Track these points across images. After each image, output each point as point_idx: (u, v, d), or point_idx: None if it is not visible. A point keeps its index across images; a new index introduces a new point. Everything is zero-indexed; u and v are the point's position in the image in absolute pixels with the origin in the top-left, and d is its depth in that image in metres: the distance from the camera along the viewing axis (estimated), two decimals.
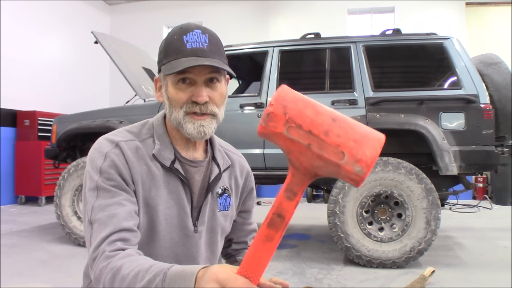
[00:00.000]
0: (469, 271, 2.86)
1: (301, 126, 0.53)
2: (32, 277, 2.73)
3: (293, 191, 0.56)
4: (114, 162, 0.86)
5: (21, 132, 6.21)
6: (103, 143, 0.89)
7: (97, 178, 0.84)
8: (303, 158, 0.54)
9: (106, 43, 4.07)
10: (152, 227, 0.90)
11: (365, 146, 0.50)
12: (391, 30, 3.48)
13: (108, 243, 0.76)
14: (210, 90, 0.88)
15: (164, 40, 0.91)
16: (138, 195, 0.88)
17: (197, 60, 0.84)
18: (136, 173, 0.88)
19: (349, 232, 2.98)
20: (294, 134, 0.53)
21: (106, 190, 0.83)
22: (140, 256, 0.76)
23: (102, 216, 0.80)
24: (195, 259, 0.96)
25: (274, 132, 0.54)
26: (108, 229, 0.78)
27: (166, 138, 0.94)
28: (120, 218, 0.80)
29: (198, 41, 0.86)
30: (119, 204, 0.82)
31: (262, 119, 0.55)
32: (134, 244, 0.81)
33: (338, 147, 0.51)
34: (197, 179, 0.96)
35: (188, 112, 0.88)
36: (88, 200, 0.84)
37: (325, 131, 0.52)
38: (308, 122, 0.53)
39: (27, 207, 5.99)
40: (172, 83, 0.88)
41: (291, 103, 0.54)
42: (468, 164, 2.96)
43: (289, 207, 0.56)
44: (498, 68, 3.19)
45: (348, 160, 0.50)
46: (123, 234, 0.79)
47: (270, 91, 3.36)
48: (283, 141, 0.55)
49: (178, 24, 0.91)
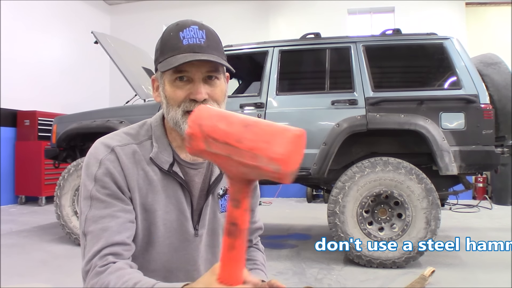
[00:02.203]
0: (469, 271, 2.86)
1: (217, 139, 0.56)
2: (32, 277, 2.73)
3: (236, 199, 0.58)
4: (109, 169, 0.84)
5: (21, 132, 6.22)
6: (99, 148, 0.87)
7: (91, 187, 0.83)
8: (230, 167, 0.57)
9: (106, 43, 4.07)
10: (151, 232, 0.88)
11: (274, 144, 0.52)
12: (391, 30, 3.48)
13: (100, 258, 0.77)
14: (209, 87, 0.85)
15: (160, 37, 0.88)
16: (135, 202, 0.86)
17: (193, 56, 0.81)
18: (132, 180, 0.86)
19: (349, 232, 2.98)
20: (214, 148, 0.57)
21: (100, 201, 0.82)
22: (128, 271, 0.76)
23: (95, 228, 0.80)
24: (195, 262, 0.95)
25: (198, 150, 0.59)
26: (100, 243, 0.78)
27: (164, 140, 0.91)
28: (113, 232, 0.79)
29: (195, 37, 0.84)
30: (112, 217, 0.81)
31: (186, 141, 0.60)
32: (126, 257, 0.81)
33: (252, 151, 0.54)
34: (197, 181, 0.94)
35: (187, 110, 0.84)
36: (82, 210, 0.83)
37: (238, 139, 0.55)
38: (222, 134, 0.56)
39: (27, 207, 5.99)
40: (169, 81, 0.86)
41: (206, 120, 0.58)
42: (468, 164, 2.96)
43: (239, 215, 0.58)
44: (498, 68, 3.19)
45: (264, 160, 0.52)
46: (115, 248, 0.78)
47: (270, 91, 3.36)
48: (209, 156, 0.59)
49: (171, 23, 0.89)
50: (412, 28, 5.46)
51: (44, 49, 6.83)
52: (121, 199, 0.84)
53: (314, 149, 3.14)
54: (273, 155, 0.52)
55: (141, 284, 0.70)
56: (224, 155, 0.56)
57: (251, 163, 0.54)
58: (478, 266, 2.99)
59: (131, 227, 0.84)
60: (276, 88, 3.36)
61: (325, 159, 3.09)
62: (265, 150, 0.53)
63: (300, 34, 3.63)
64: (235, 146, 0.55)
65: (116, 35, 6.06)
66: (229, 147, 0.55)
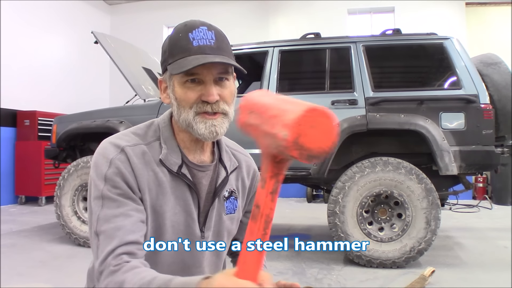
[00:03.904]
0: (469, 271, 2.86)
1: (253, 111, 0.62)
2: (32, 277, 2.73)
3: (263, 178, 0.60)
4: (120, 169, 0.83)
5: (21, 132, 6.21)
6: (108, 148, 0.86)
7: (102, 187, 0.82)
8: (260, 139, 0.60)
9: (106, 43, 4.07)
10: (160, 234, 0.88)
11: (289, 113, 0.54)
12: (391, 30, 3.47)
13: (114, 257, 0.76)
14: (219, 88, 0.85)
15: (168, 38, 0.87)
16: (145, 203, 0.86)
17: (205, 58, 0.81)
18: (143, 181, 0.85)
19: (349, 232, 2.98)
20: (252, 119, 0.62)
21: (112, 200, 0.81)
22: (143, 269, 0.75)
23: (108, 228, 0.79)
24: (200, 264, 0.95)
25: (243, 121, 0.64)
26: (114, 243, 0.77)
27: (173, 141, 0.91)
28: (126, 230, 0.78)
29: (205, 38, 0.83)
30: (125, 216, 0.80)
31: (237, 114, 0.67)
32: (140, 256, 0.79)
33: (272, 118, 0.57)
34: (204, 184, 0.94)
35: (199, 112, 0.84)
36: (94, 210, 0.82)
37: (266, 109, 0.59)
38: (258, 106, 0.62)
39: (27, 207, 5.99)
40: (180, 83, 0.85)
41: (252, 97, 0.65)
42: (468, 164, 2.96)
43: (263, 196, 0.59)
44: (498, 68, 3.19)
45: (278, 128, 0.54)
46: (129, 247, 0.77)
47: (270, 91, 3.36)
48: (249, 128, 0.63)
49: (178, 24, 0.88)
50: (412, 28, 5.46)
51: (44, 49, 6.83)
52: (132, 199, 0.83)
53: None
54: (284, 121, 0.53)
55: (158, 279, 0.69)
56: (257, 125, 0.60)
57: (270, 131, 0.56)
58: (478, 266, 2.99)
59: (143, 227, 0.83)
60: (276, 88, 3.36)
61: (325, 159, 3.10)
62: (280, 117, 0.55)
63: (300, 34, 3.63)
64: (263, 115, 0.59)
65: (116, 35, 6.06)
66: (260, 117, 0.60)
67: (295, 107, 0.54)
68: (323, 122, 0.54)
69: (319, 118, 0.54)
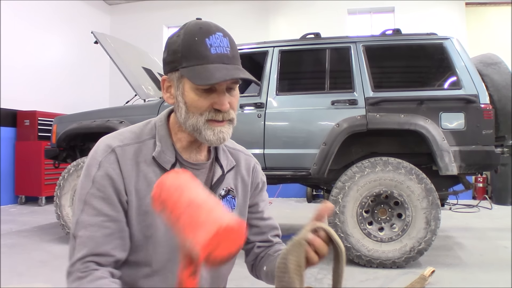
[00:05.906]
0: (469, 271, 2.86)
1: (166, 209, 0.65)
2: (32, 277, 2.73)
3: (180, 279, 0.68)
4: (108, 172, 0.85)
5: (21, 132, 6.21)
6: (100, 148, 0.88)
7: (88, 189, 0.84)
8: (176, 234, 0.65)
9: (106, 43, 4.07)
10: (150, 234, 0.88)
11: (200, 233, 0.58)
12: (391, 30, 3.47)
13: (82, 263, 0.80)
14: (229, 97, 0.86)
15: (181, 39, 0.84)
16: (131, 204, 0.86)
17: (227, 69, 0.82)
18: (130, 183, 0.86)
19: (349, 232, 2.98)
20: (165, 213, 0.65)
21: (92, 207, 0.84)
22: (105, 281, 0.78)
23: (83, 234, 0.83)
24: None
25: (157, 210, 0.67)
26: (84, 251, 0.81)
27: (168, 140, 0.91)
28: (97, 243, 0.82)
29: (222, 46, 0.83)
30: (99, 227, 0.83)
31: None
32: (107, 266, 0.83)
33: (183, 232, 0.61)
34: None
35: (209, 119, 0.85)
36: (75, 211, 0.85)
37: (178, 216, 0.62)
38: (170, 206, 0.64)
39: (27, 207, 5.99)
40: (192, 88, 0.84)
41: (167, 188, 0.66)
42: (468, 164, 2.96)
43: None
44: (498, 68, 3.19)
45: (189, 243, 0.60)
46: (97, 258, 0.81)
47: (270, 91, 3.36)
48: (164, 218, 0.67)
49: (178, 24, 0.89)
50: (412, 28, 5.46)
51: (44, 49, 6.83)
52: (113, 205, 0.85)
53: (314, 149, 3.14)
54: (196, 242, 0.58)
55: None
56: (170, 223, 0.65)
57: (182, 242, 0.61)
58: (478, 266, 2.99)
59: (118, 237, 0.85)
60: (276, 88, 3.36)
61: (325, 159, 3.10)
62: (191, 235, 0.59)
63: (300, 34, 3.63)
64: (175, 221, 0.63)
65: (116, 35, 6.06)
66: (172, 220, 0.63)
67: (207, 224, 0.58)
68: (233, 236, 0.59)
69: (229, 234, 0.59)
